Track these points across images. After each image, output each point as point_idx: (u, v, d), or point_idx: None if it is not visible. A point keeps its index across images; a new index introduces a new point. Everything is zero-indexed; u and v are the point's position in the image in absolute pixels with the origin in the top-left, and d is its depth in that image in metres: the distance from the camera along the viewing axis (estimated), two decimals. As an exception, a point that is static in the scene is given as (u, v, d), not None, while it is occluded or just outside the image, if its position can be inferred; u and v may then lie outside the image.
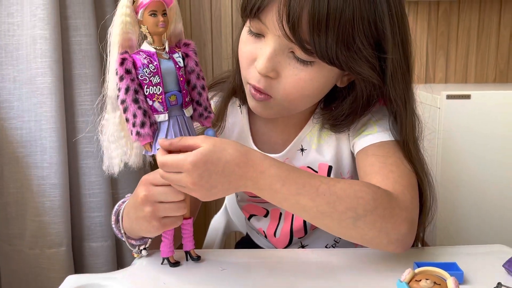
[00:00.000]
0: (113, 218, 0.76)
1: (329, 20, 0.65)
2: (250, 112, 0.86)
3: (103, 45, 0.65)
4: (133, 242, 0.76)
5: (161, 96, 0.63)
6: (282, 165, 0.67)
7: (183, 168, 0.61)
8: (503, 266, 0.70)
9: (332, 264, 0.73)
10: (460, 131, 1.39)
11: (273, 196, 0.66)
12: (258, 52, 0.72)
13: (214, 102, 0.86)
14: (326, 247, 0.92)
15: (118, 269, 0.77)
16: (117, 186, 1.47)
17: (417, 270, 0.65)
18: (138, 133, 0.63)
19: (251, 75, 0.73)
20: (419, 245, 0.84)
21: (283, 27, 0.67)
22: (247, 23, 0.74)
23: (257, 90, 0.74)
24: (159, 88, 0.63)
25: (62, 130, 1.29)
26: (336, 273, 0.71)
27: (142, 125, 0.63)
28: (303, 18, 0.66)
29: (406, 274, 0.64)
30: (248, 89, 0.76)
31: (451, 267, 0.68)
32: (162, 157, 0.63)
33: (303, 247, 0.92)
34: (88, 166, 1.37)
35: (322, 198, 0.66)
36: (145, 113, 0.63)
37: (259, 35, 0.72)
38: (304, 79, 0.71)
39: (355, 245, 0.92)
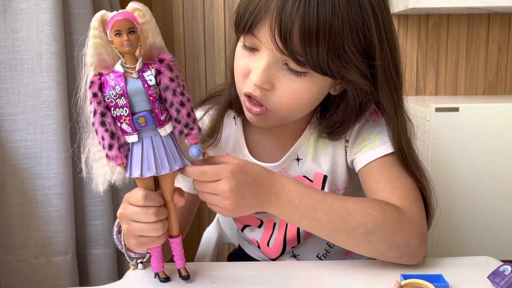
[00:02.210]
0: (115, 229, 0.75)
1: (319, 32, 0.65)
2: (244, 124, 0.86)
3: (79, 68, 0.63)
4: (132, 254, 0.75)
5: (128, 118, 0.61)
6: (298, 182, 0.71)
7: (223, 175, 0.65)
8: (487, 278, 0.69)
9: (322, 276, 0.72)
10: (449, 143, 1.38)
11: (293, 213, 0.69)
12: (253, 66, 0.72)
13: (209, 115, 0.85)
14: (317, 256, 0.91)
15: (119, 275, 0.76)
16: (118, 194, 1.46)
17: (403, 282, 0.64)
18: (107, 155, 0.62)
19: (247, 86, 0.73)
20: None
21: (276, 41, 0.67)
22: (241, 38, 0.74)
23: (252, 103, 0.73)
24: (125, 110, 0.60)
25: (67, 141, 1.29)
26: (325, 285, 0.69)
27: (110, 147, 0.61)
28: (294, 31, 0.66)
29: (393, 286, 0.63)
30: (243, 101, 0.76)
31: (437, 279, 0.67)
32: (201, 167, 0.65)
33: (295, 256, 0.91)
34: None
35: (336, 214, 0.69)
36: (112, 136, 0.61)
37: (253, 49, 0.72)
38: (299, 89, 0.71)
39: (345, 256, 0.91)
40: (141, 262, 0.75)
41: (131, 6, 0.61)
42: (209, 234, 1.14)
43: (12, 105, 1.27)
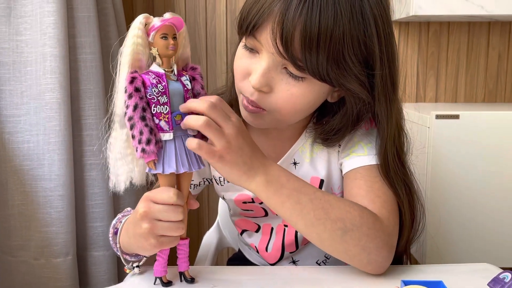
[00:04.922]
0: (111, 230, 0.75)
1: (320, 39, 0.65)
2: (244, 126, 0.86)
3: (113, 64, 0.64)
4: (128, 257, 0.74)
5: (167, 115, 0.63)
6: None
7: (234, 115, 0.66)
8: (488, 285, 0.68)
9: (322, 281, 0.72)
10: (449, 151, 1.38)
11: (278, 191, 0.67)
12: (253, 67, 0.72)
13: None
14: (317, 263, 0.90)
15: (118, 277, 0.75)
16: (119, 196, 1.46)
17: (404, 288, 0.64)
18: (143, 150, 0.62)
19: (245, 88, 0.73)
20: (408, 263, 0.83)
21: (277, 44, 0.67)
22: (243, 39, 0.74)
23: (250, 102, 0.73)
24: (166, 108, 0.63)
25: (69, 143, 1.29)
26: (324, 290, 0.69)
27: (148, 142, 0.62)
28: (295, 36, 0.66)
29: (393, 292, 0.63)
30: (241, 100, 0.76)
31: (437, 286, 0.66)
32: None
33: (294, 262, 0.90)
34: (91, 178, 1.36)
35: (319, 202, 0.68)
36: (151, 131, 0.62)
37: (254, 50, 0.72)
38: (296, 94, 0.71)
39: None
40: (137, 266, 0.74)
41: (168, 16, 0.63)
42: (209, 238, 1.14)
43: (15, 106, 1.27)
